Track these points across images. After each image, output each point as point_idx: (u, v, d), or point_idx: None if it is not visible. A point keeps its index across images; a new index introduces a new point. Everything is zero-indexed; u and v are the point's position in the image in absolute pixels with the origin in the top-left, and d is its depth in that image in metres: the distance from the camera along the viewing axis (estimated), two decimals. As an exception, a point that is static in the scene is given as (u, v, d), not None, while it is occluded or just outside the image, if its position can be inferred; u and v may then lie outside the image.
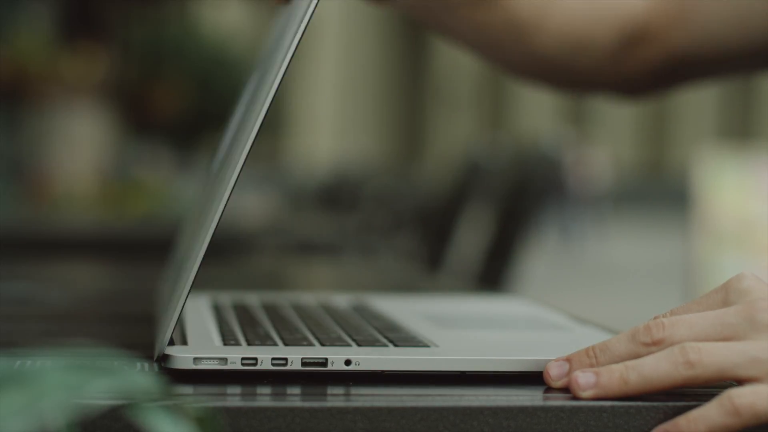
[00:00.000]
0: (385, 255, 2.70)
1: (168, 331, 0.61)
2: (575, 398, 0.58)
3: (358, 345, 0.65)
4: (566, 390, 0.60)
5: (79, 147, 3.42)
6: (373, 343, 0.66)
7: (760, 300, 0.60)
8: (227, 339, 0.67)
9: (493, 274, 2.00)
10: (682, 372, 0.58)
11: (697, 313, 0.61)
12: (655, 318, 0.61)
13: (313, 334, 0.69)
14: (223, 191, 0.60)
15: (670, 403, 0.57)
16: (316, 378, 0.61)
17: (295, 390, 0.59)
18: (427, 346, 0.66)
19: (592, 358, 0.60)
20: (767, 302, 0.60)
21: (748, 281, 0.61)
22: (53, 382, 0.35)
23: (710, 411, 0.57)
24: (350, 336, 0.69)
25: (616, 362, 0.59)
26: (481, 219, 2.26)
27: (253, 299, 0.90)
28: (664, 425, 0.57)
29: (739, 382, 0.58)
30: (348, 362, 0.61)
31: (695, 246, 4.81)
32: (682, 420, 0.57)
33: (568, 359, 0.61)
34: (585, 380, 0.59)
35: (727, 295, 0.61)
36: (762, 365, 0.58)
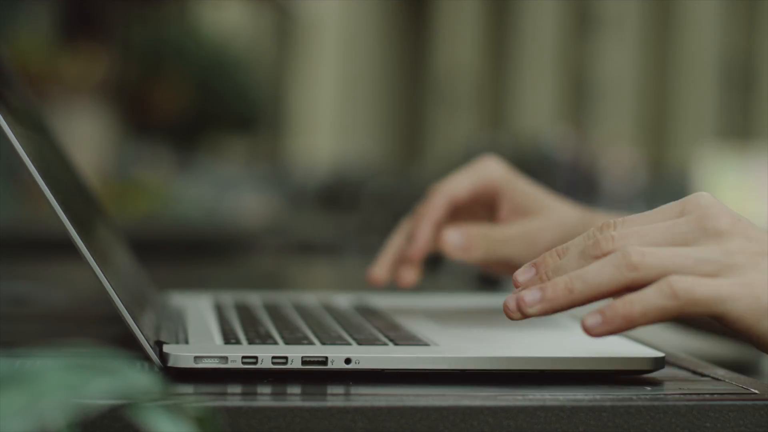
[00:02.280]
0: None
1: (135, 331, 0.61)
2: (575, 397, 0.58)
3: (359, 344, 0.65)
4: (566, 390, 0.59)
5: (79, 147, 3.42)
6: (373, 341, 0.66)
7: (713, 209, 0.60)
8: (228, 338, 0.67)
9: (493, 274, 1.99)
10: (625, 274, 0.58)
11: (650, 225, 0.60)
12: (605, 225, 0.61)
13: (314, 333, 0.70)
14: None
15: (671, 403, 0.57)
16: (316, 377, 0.61)
17: (295, 389, 0.59)
18: (427, 345, 0.66)
19: (571, 289, 0.59)
20: (720, 212, 0.59)
21: (706, 198, 0.61)
22: (53, 382, 0.35)
23: (648, 293, 0.57)
24: (350, 335, 0.69)
25: (600, 293, 0.59)
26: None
27: (254, 299, 0.90)
28: (602, 307, 0.58)
29: (722, 318, 0.57)
30: (348, 361, 0.61)
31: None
32: (618, 302, 0.57)
33: (548, 297, 0.60)
34: (531, 297, 0.60)
35: (683, 207, 0.61)
36: (707, 266, 0.58)
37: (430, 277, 1.53)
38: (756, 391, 0.60)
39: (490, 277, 1.79)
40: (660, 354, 0.64)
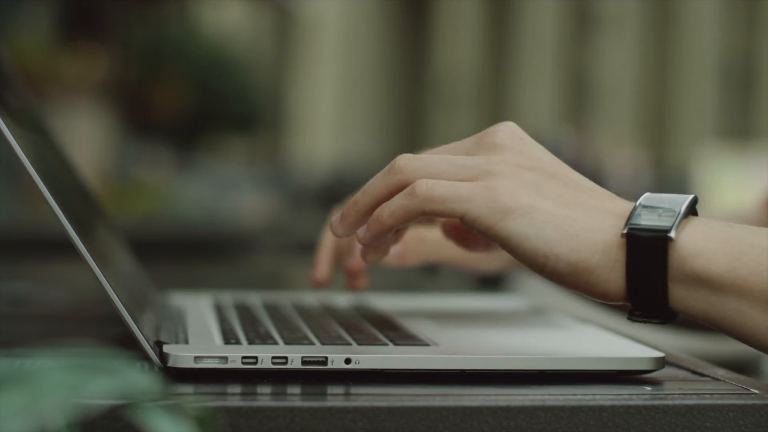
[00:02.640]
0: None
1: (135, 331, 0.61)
2: (575, 397, 0.58)
3: (358, 344, 0.65)
4: (566, 390, 0.59)
5: (78, 147, 3.42)
6: (373, 341, 0.66)
7: (499, 127, 0.63)
8: (228, 338, 0.67)
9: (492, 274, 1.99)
10: (391, 177, 0.63)
11: (442, 155, 0.63)
12: (404, 156, 0.64)
13: (314, 333, 0.70)
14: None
15: (670, 402, 0.57)
16: (316, 377, 0.61)
17: (295, 389, 0.59)
18: (427, 345, 0.66)
19: (356, 201, 0.65)
20: (501, 130, 0.63)
21: (501, 135, 0.63)
22: (53, 382, 0.35)
23: (396, 196, 0.62)
24: (350, 335, 0.69)
25: (376, 199, 0.64)
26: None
27: (254, 299, 0.90)
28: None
29: (463, 218, 0.60)
30: (348, 361, 0.61)
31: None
32: (376, 209, 0.63)
33: (344, 213, 0.66)
34: (334, 220, 0.66)
35: (479, 143, 0.64)
36: (466, 171, 0.61)
37: (429, 277, 1.53)
38: (756, 391, 0.60)
39: (488, 277, 1.79)
40: (660, 354, 0.64)
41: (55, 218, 0.60)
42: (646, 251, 0.58)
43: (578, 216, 0.60)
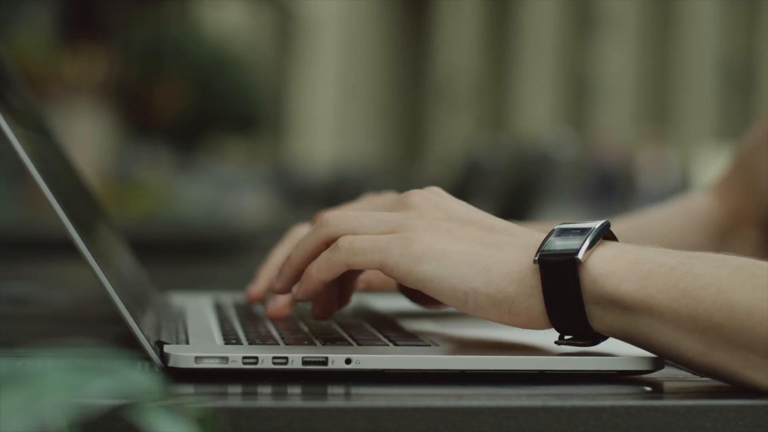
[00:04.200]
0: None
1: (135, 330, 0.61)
2: (575, 397, 0.58)
3: (359, 344, 0.65)
4: (566, 390, 0.60)
5: (79, 147, 3.42)
6: (373, 342, 0.66)
7: (419, 191, 0.66)
8: (228, 338, 0.67)
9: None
10: (319, 231, 0.66)
11: (363, 211, 0.66)
12: (329, 213, 0.67)
13: (314, 333, 0.70)
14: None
15: (670, 402, 0.57)
16: (316, 377, 0.61)
17: (296, 390, 0.59)
18: (428, 345, 0.66)
19: (290, 257, 0.68)
20: (419, 192, 0.66)
21: (420, 196, 0.66)
22: (53, 382, 0.35)
23: (324, 252, 0.65)
24: (350, 335, 0.69)
25: (307, 253, 0.67)
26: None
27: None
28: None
29: (382, 267, 0.63)
30: (348, 361, 0.61)
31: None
32: (308, 266, 0.66)
33: (280, 270, 0.69)
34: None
35: (399, 202, 0.67)
36: (385, 225, 0.64)
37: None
38: (756, 392, 0.60)
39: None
40: (661, 355, 0.64)
41: (57, 218, 0.60)
42: (558, 274, 0.61)
43: (491, 252, 0.62)
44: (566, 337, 0.63)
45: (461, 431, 0.55)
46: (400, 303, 0.88)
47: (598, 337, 0.63)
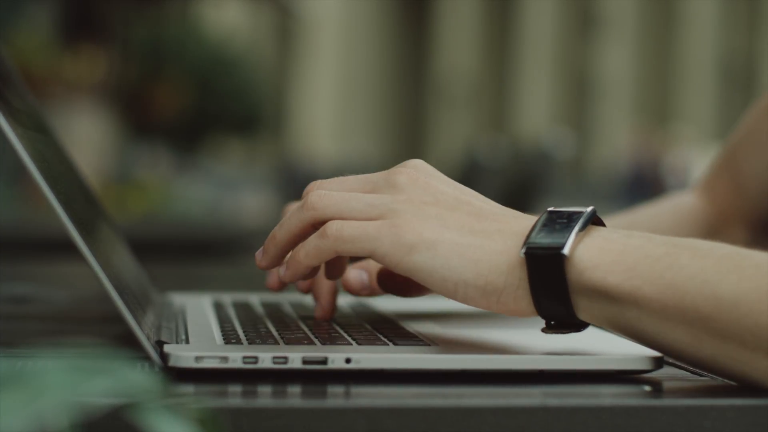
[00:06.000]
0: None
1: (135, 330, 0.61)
2: (575, 397, 0.58)
3: (358, 344, 0.65)
4: (566, 390, 0.60)
5: (79, 147, 3.42)
6: (373, 341, 0.66)
7: (405, 167, 0.66)
8: (228, 338, 0.67)
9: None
10: (305, 214, 0.65)
11: (350, 193, 0.66)
12: (315, 192, 0.66)
13: (314, 333, 0.70)
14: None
15: (669, 402, 0.57)
16: (316, 377, 0.61)
17: (296, 389, 0.59)
18: (427, 345, 0.66)
19: (274, 235, 0.67)
20: (405, 170, 0.65)
21: (405, 176, 0.66)
22: (53, 382, 0.35)
23: (311, 237, 0.65)
24: (350, 335, 0.69)
25: (291, 233, 0.66)
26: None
27: (254, 299, 0.90)
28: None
29: (372, 255, 0.63)
30: (348, 360, 0.61)
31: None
32: (294, 250, 0.66)
33: (264, 247, 0.68)
34: (258, 253, 0.68)
35: (386, 181, 0.66)
36: (373, 210, 0.64)
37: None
38: (751, 388, 0.60)
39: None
40: (659, 354, 0.64)
41: (57, 218, 0.60)
42: (545, 268, 0.61)
43: (481, 242, 0.63)
44: (551, 324, 0.64)
45: (461, 431, 0.55)
46: (400, 303, 0.88)
47: (583, 325, 0.64)
